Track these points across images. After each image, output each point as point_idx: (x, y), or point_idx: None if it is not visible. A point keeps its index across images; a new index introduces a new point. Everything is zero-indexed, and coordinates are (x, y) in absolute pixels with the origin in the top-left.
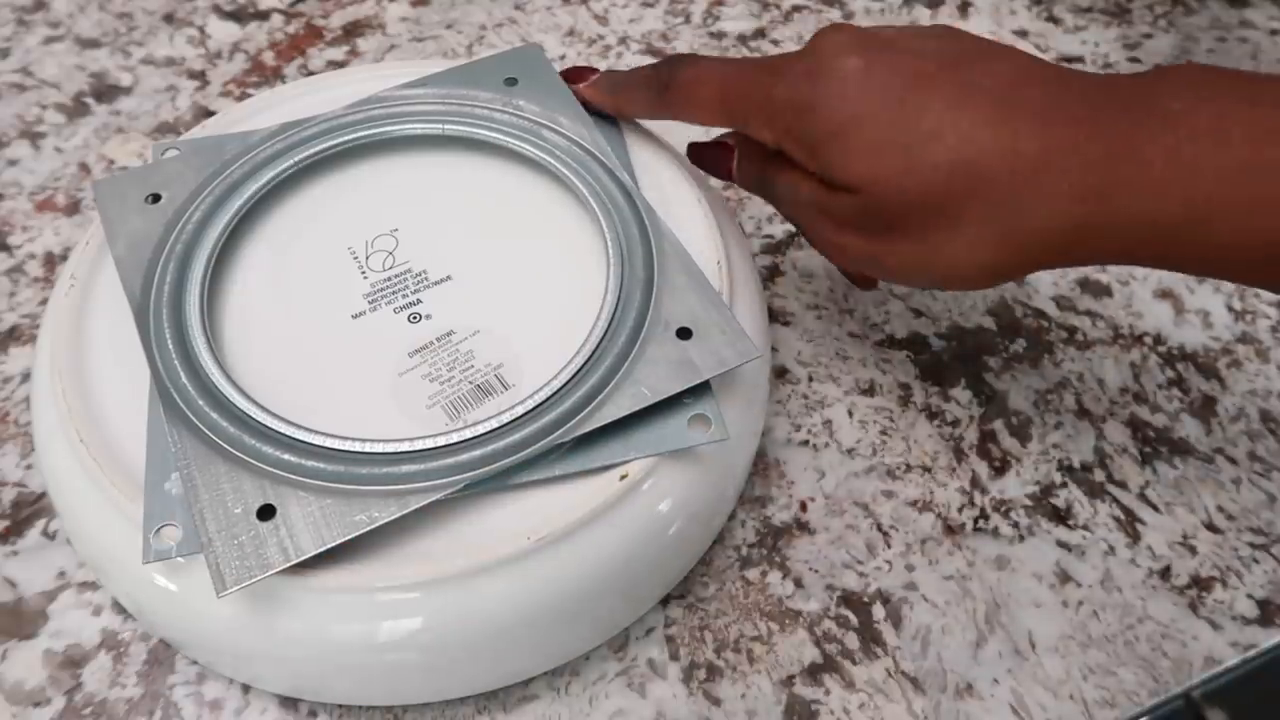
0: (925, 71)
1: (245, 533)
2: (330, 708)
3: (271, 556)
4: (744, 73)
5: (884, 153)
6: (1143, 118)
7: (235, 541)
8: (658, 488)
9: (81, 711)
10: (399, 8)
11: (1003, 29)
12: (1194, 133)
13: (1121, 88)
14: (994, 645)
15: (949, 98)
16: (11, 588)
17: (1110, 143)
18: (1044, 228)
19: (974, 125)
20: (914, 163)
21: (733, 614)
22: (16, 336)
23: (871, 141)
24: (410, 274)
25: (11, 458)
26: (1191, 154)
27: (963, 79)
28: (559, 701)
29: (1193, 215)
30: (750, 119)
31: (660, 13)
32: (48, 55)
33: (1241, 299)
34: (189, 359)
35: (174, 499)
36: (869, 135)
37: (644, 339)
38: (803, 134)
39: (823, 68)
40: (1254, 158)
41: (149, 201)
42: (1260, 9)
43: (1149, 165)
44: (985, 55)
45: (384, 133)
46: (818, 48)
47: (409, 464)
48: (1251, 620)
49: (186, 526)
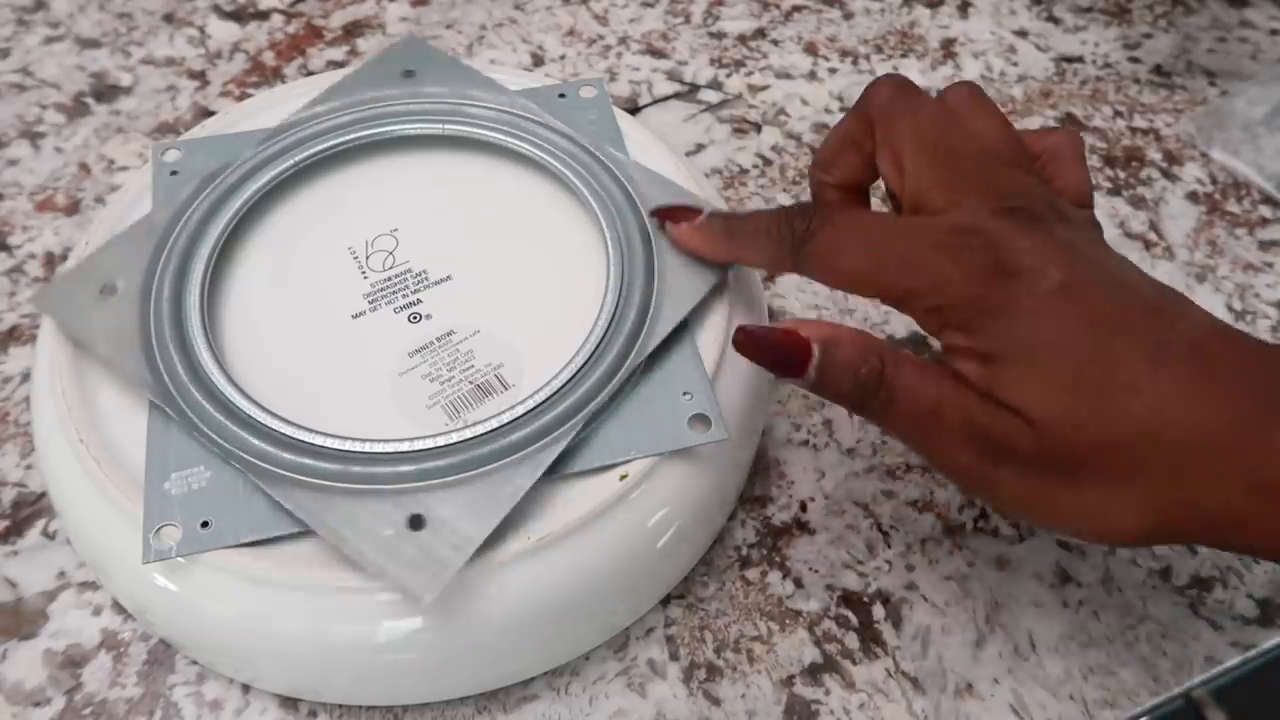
0: (1125, 313)
1: None
2: (330, 708)
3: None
4: (902, 245)
5: (1078, 391)
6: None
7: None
8: (658, 488)
9: (81, 711)
10: (399, 8)
11: (1003, 29)
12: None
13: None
14: (994, 645)
15: (1147, 351)
16: (11, 588)
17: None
18: (1213, 510)
19: (1170, 388)
20: (1109, 412)
21: (733, 614)
22: (16, 336)
23: (1066, 374)
24: (410, 274)
25: (11, 458)
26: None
27: (1159, 332)
28: (559, 701)
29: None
30: (909, 300)
31: (660, 13)
32: (48, 55)
33: (1241, 299)
34: (188, 357)
35: (174, 499)
36: (1064, 366)
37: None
38: (978, 337)
39: (1016, 269)
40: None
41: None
42: (1260, 9)
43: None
44: (1175, 304)
45: (384, 133)
46: (1001, 239)
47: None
48: (1251, 620)
49: (186, 526)
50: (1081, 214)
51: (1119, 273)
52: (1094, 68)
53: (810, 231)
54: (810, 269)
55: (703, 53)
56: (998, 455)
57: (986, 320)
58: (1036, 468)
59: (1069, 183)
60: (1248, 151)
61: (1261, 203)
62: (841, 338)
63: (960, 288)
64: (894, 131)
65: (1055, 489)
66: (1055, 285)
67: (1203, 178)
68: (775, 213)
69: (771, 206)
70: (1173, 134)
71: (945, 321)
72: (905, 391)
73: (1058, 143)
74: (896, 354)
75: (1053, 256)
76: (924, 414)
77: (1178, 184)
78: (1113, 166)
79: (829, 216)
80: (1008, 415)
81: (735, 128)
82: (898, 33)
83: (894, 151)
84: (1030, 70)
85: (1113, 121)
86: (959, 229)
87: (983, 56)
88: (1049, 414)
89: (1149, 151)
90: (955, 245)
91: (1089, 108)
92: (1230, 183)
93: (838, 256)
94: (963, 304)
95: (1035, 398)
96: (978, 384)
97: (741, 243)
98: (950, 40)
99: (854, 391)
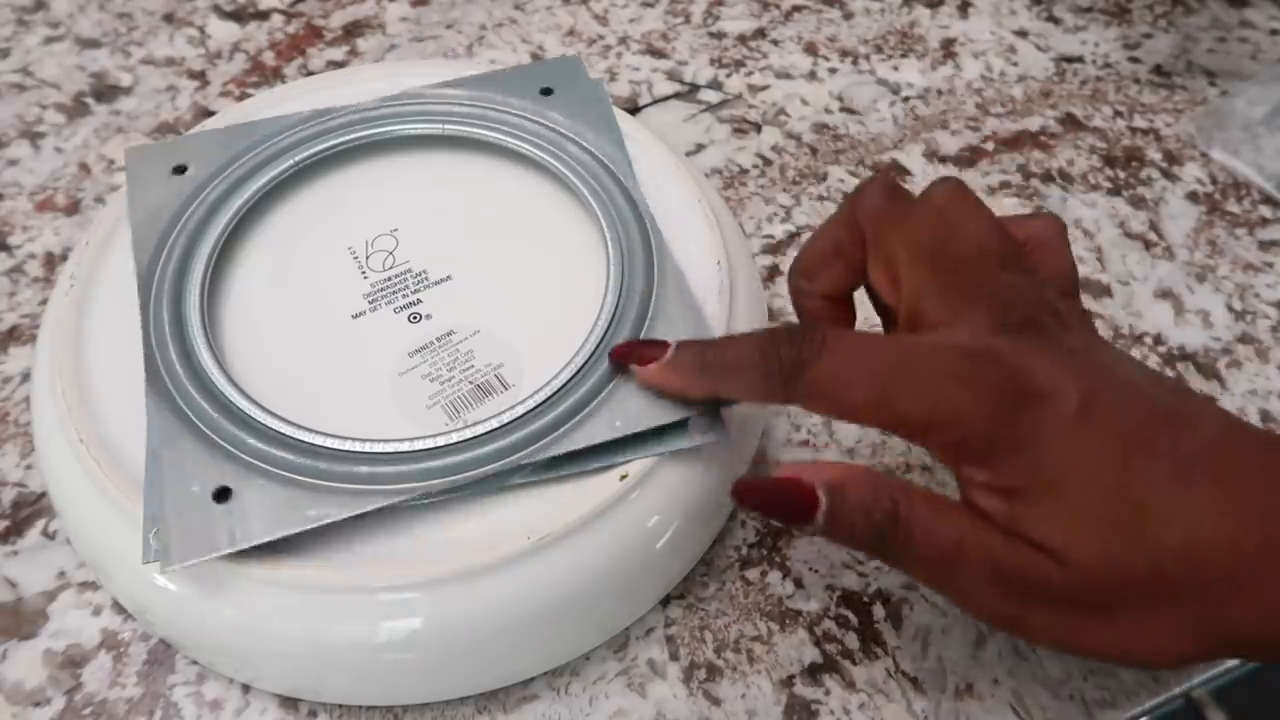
0: (1144, 429)
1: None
2: (330, 708)
3: (218, 539)
4: (910, 371)
5: (1111, 525)
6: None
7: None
8: (658, 488)
9: (81, 711)
10: (399, 8)
11: (1003, 29)
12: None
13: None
14: (994, 645)
15: (1172, 471)
16: (11, 588)
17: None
18: (1250, 629)
19: (1199, 510)
20: (1143, 545)
21: (733, 614)
22: (16, 336)
23: (1095, 507)
24: (410, 274)
25: (11, 458)
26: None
27: (1180, 444)
28: (559, 701)
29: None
30: (926, 435)
31: (660, 13)
32: (48, 55)
33: (1241, 299)
34: (188, 357)
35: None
36: (1093, 499)
37: (643, 338)
38: (1001, 473)
39: (1035, 394)
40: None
41: (174, 173)
42: (1260, 9)
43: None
44: (1186, 405)
45: (384, 133)
46: (1013, 361)
47: (408, 464)
48: None
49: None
50: (1075, 310)
51: (1128, 378)
52: (1094, 68)
53: (803, 361)
54: (810, 404)
55: (703, 53)
56: (1027, 595)
57: (1009, 455)
58: (1069, 604)
59: (1055, 270)
60: (1248, 151)
61: (1261, 203)
62: (849, 480)
63: (980, 422)
64: (888, 242)
65: (1090, 623)
66: (1074, 409)
67: (1203, 178)
68: (759, 338)
69: (751, 331)
70: (1173, 134)
71: (964, 457)
72: (924, 533)
73: (1041, 229)
74: (910, 491)
75: (1066, 374)
76: (945, 557)
77: (1178, 184)
78: (1113, 166)
79: (823, 342)
80: (1036, 554)
81: (735, 128)
82: (898, 33)
83: (888, 262)
84: (1030, 70)
85: (1113, 121)
86: (969, 353)
87: (983, 56)
88: (1082, 552)
89: (1149, 151)
90: (968, 373)
91: (1089, 108)
92: (1230, 183)
93: (843, 389)
94: (983, 439)
95: (1066, 535)
96: (1002, 521)
97: (721, 378)
98: (950, 40)
99: (868, 536)
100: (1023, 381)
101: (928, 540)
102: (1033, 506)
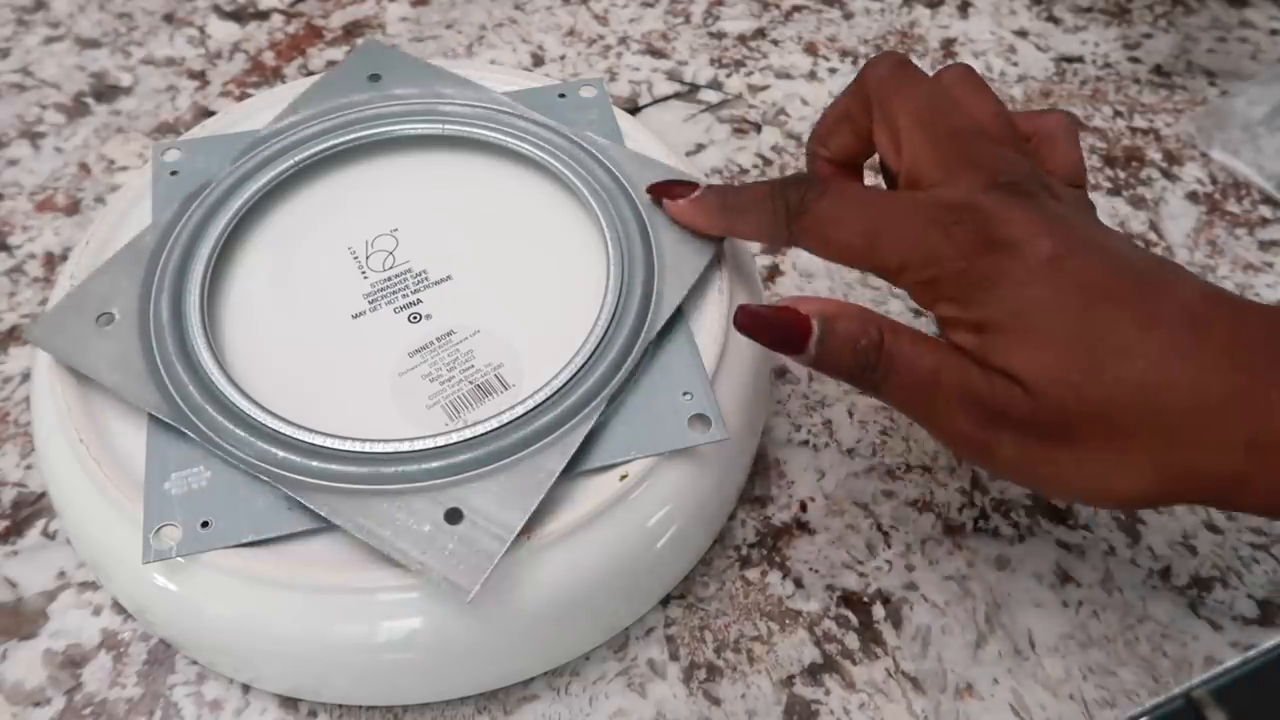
0: (1115, 281)
1: None
2: (330, 708)
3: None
4: (896, 217)
5: (1070, 353)
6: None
7: None
8: (658, 488)
9: (81, 711)
10: (399, 8)
11: (1003, 29)
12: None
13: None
14: (994, 645)
15: (1138, 317)
16: (11, 588)
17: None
18: (1209, 472)
19: (1164, 351)
20: (1102, 374)
21: (733, 614)
22: (16, 337)
23: (1057, 337)
24: (410, 274)
25: (11, 458)
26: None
27: (1150, 297)
28: (559, 701)
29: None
30: (902, 273)
31: (660, 13)
32: (48, 55)
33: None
34: (188, 357)
35: (174, 499)
36: (1056, 330)
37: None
38: (971, 307)
39: (1006, 241)
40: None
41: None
42: (1260, 9)
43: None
44: (1168, 272)
45: (384, 133)
46: (992, 213)
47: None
48: (1251, 620)
49: (187, 526)
50: (1073, 192)
51: (1111, 244)
52: (1094, 68)
53: (805, 203)
54: (805, 241)
55: (703, 53)
56: (996, 421)
57: (978, 291)
58: (1034, 432)
59: (1061, 162)
60: (1248, 151)
61: (1261, 203)
62: (840, 312)
63: (952, 261)
64: (891, 108)
65: (1054, 453)
66: (1045, 256)
67: (1203, 178)
68: (770, 184)
69: (767, 179)
70: (1173, 134)
71: (939, 294)
72: (904, 361)
73: (1049, 123)
74: (895, 325)
75: (1043, 228)
76: (923, 383)
77: (1178, 184)
78: (1113, 166)
79: (824, 189)
80: (1003, 381)
81: (735, 128)
82: (898, 33)
83: (891, 128)
84: (1030, 70)
85: (1113, 121)
86: (951, 204)
87: (983, 56)
88: (1042, 378)
89: (1149, 151)
90: (947, 220)
91: (1089, 108)
92: (1230, 183)
93: (832, 228)
94: (955, 276)
95: (1028, 362)
96: (973, 352)
97: (737, 215)
98: (950, 40)
99: (853, 364)
100: (996, 229)
101: (908, 369)
102: (999, 337)
